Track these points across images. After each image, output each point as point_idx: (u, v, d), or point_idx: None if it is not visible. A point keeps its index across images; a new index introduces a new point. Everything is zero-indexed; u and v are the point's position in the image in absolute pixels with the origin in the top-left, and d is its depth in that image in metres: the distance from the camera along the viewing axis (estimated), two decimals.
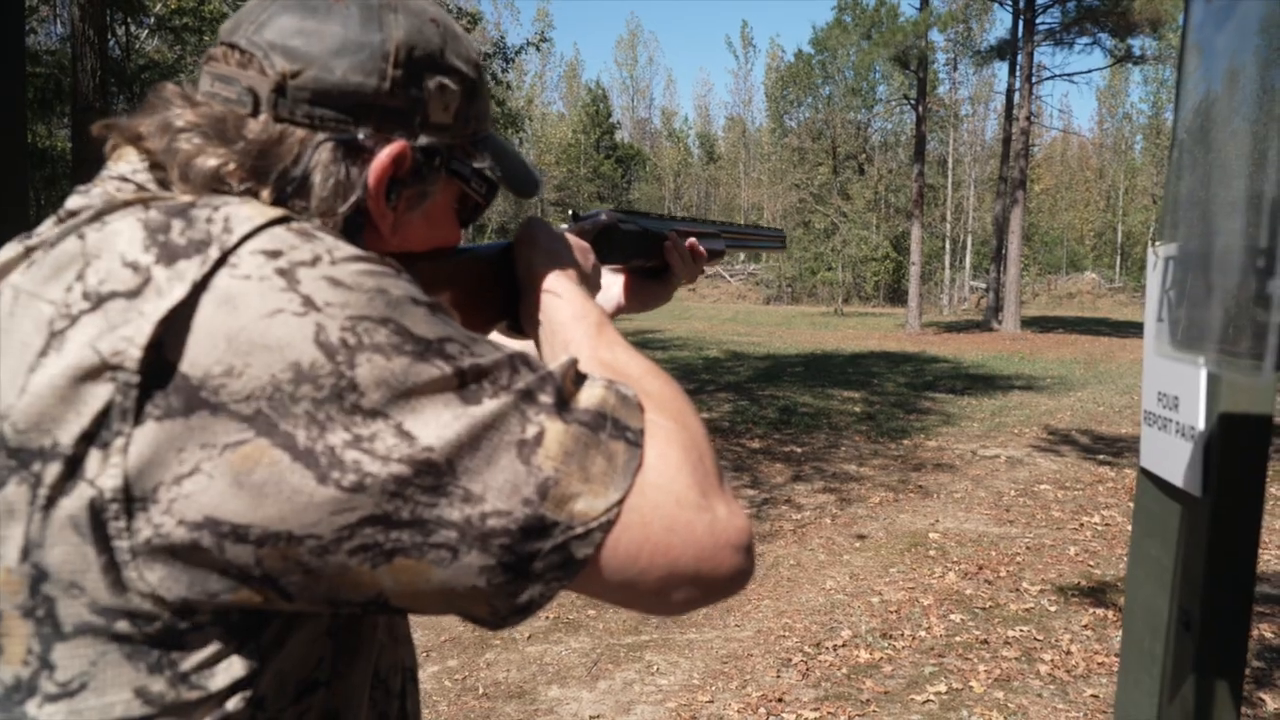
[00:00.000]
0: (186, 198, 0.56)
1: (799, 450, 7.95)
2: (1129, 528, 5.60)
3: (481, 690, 3.39)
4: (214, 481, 0.47)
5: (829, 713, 3.22)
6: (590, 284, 0.81)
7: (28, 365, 0.49)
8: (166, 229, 0.52)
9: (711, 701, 3.31)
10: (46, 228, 0.58)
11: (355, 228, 0.64)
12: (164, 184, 0.60)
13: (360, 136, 0.62)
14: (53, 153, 12.83)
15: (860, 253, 39.24)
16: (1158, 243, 1.04)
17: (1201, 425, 0.96)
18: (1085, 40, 24.55)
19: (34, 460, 0.48)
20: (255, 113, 0.61)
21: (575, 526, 0.51)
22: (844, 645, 3.82)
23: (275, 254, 0.51)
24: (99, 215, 0.54)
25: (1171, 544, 1.04)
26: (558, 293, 0.73)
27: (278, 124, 0.61)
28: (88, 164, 7.79)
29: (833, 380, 12.91)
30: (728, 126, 67.44)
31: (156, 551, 0.48)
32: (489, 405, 0.51)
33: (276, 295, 0.49)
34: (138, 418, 0.47)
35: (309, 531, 0.48)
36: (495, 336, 0.81)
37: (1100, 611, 4.19)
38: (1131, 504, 6.14)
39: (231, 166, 0.59)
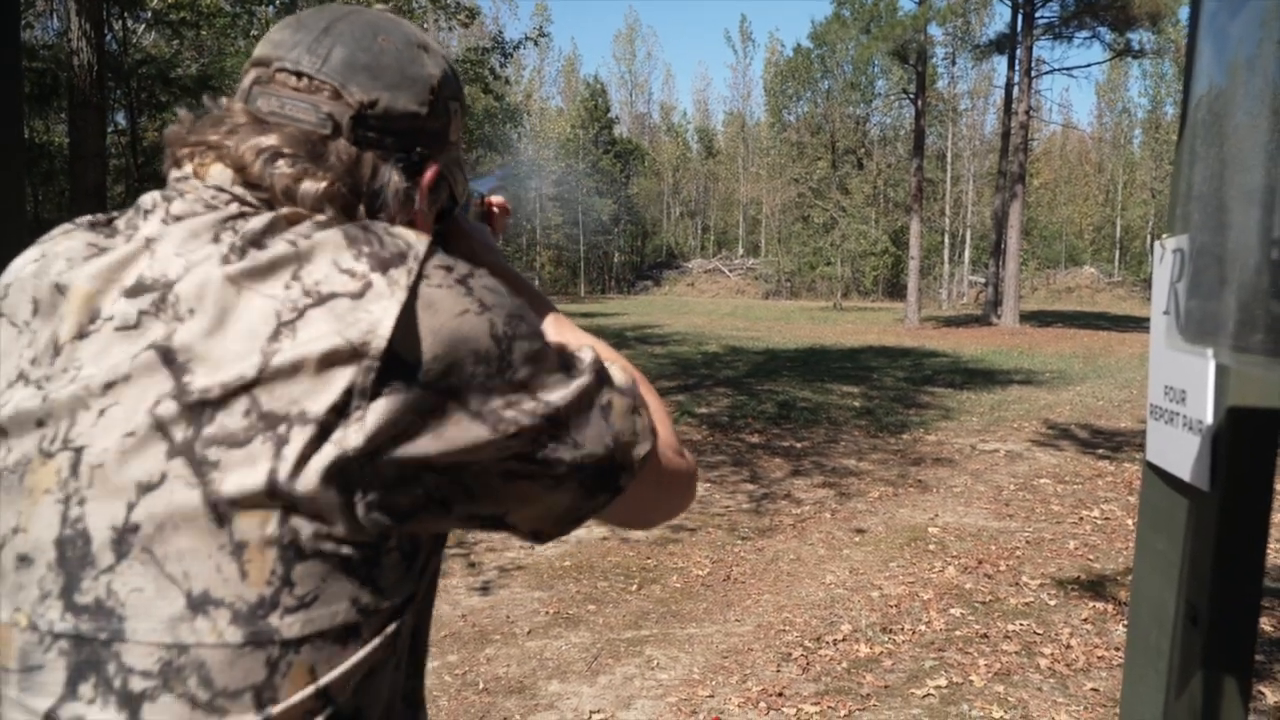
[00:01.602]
0: (351, 221, 0.69)
1: (798, 445, 7.95)
2: (1128, 522, 5.61)
3: (481, 685, 3.38)
4: (422, 436, 0.61)
5: (829, 707, 3.22)
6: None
7: (259, 348, 0.60)
8: (368, 243, 0.65)
9: (711, 696, 3.31)
10: (153, 225, 0.68)
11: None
12: (263, 200, 0.70)
13: (414, 156, 0.77)
14: (50, 148, 12.80)
15: (859, 247, 39.24)
16: (1165, 235, 1.03)
17: (1209, 419, 0.95)
18: (1084, 34, 24.53)
19: (281, 424, 0.59)
20: (334, 136, 0.72)
21: (627, 466, 0.71)
22: (844, 639, 3.82)
23: (449, 269, 0.66)
24: (274, 228, 0.66)
25: (1178, 538, 1.03)
26: (506, 278, 0.85)
27: (351, 146, 0.73)
28: (85, 158, 7.77)
29: (831, 375, 12.91)
30: (726, 121, 67.35)
31: (379, 492, 0.61)
32: (579, 380, 0.68)
33: (462, 299, 0.64)
34: (374, 395, 0.60)
35: (476, 458, 0.63)
36: None
37: (1100, 605, 4.19)
38: (1131, 498, 6.15)
39: (335, 187, 0.71)
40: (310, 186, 0.70)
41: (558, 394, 0.67)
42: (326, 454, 0.59)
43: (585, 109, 54.01)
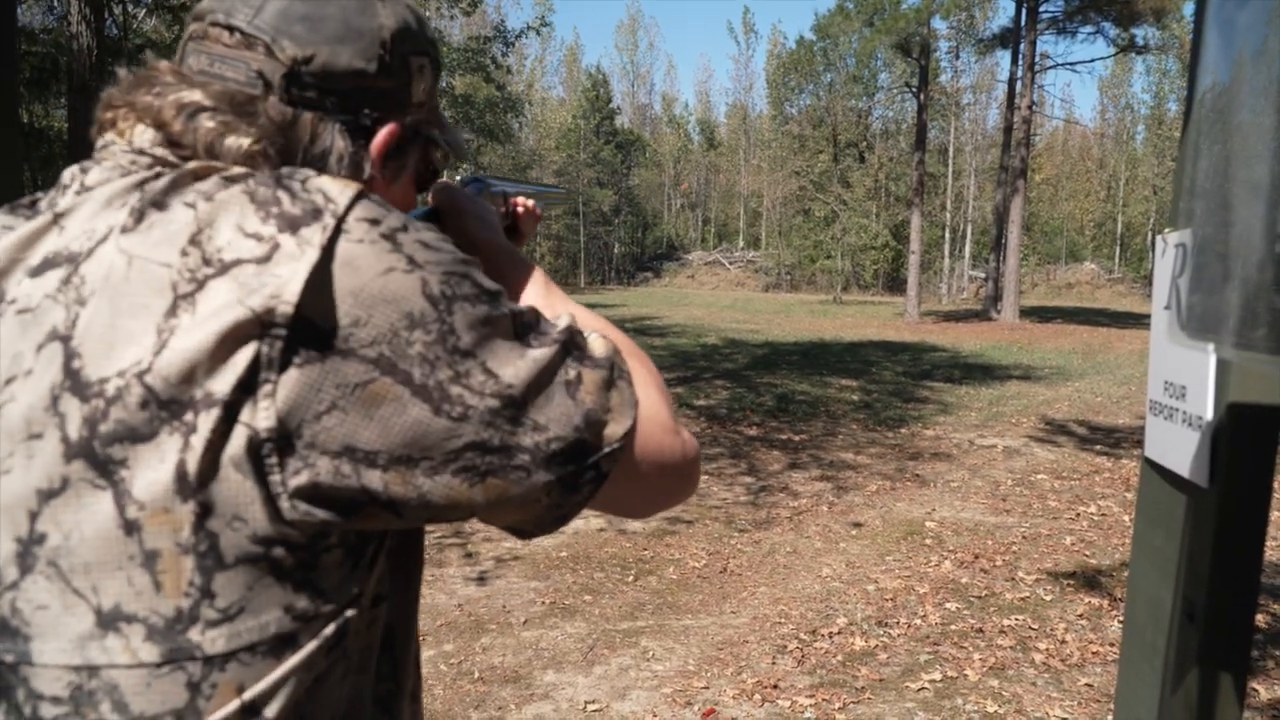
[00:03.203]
0: (267, 171, 0.61)
1: (796, 438, 7.95)
2: (1125, 518, 5.61)
3: (477, 674, 3.39)
4: (349, 416, 0.55)
5: (824, 699, 3.23)
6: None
7: (155, 326, 0.54)
8: (276, 201, 0.58)
9: (707, 688, 3.31)
10: (65, 197, 0.63)
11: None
12: (185, 159, 0.64)
13: (362, 116, 0.69)
14: (49, 132, 12.75)
15: (860, 241, 39.18)
16: (1167, 230, 1.03)
17: (1209, 415, 0.95)
18: (1088, 29, 24.44)
19: (187, 411, 0.53)
20: (266, 95, 0.66)
21: (604, 447, 0.63)
22: (840, 633, 3.83)
23: (376, 221, 0.58)
24: (178, 185, 0.59)
25: (1176, 535, 1.03)
26: (500, 256, 0.83)
27: (287, 106, 0.66)
28: (85, 144, 7.73)
29: (830, 368, 12.91)
30: (728, 113, 67.21)
31: (305, 481, 0.55)
32: (540, 351, 0.61)
33: (387, 256, 0.57)
34: (283, 366, 0.54)
35: (424, 454, 0.57)
36: None
37: (1095, 601, 4.20)
38: (1128, 494, 6.15)
39: (260, 146, 0.65)
40: (234, 142, 0.64)
41: (512, 368, 0.59)
42: (236, 440, 0.53)
43: (587, 99, 53.84)
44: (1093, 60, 41.16)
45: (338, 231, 0.56)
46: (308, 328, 0.54)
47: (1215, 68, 0.80)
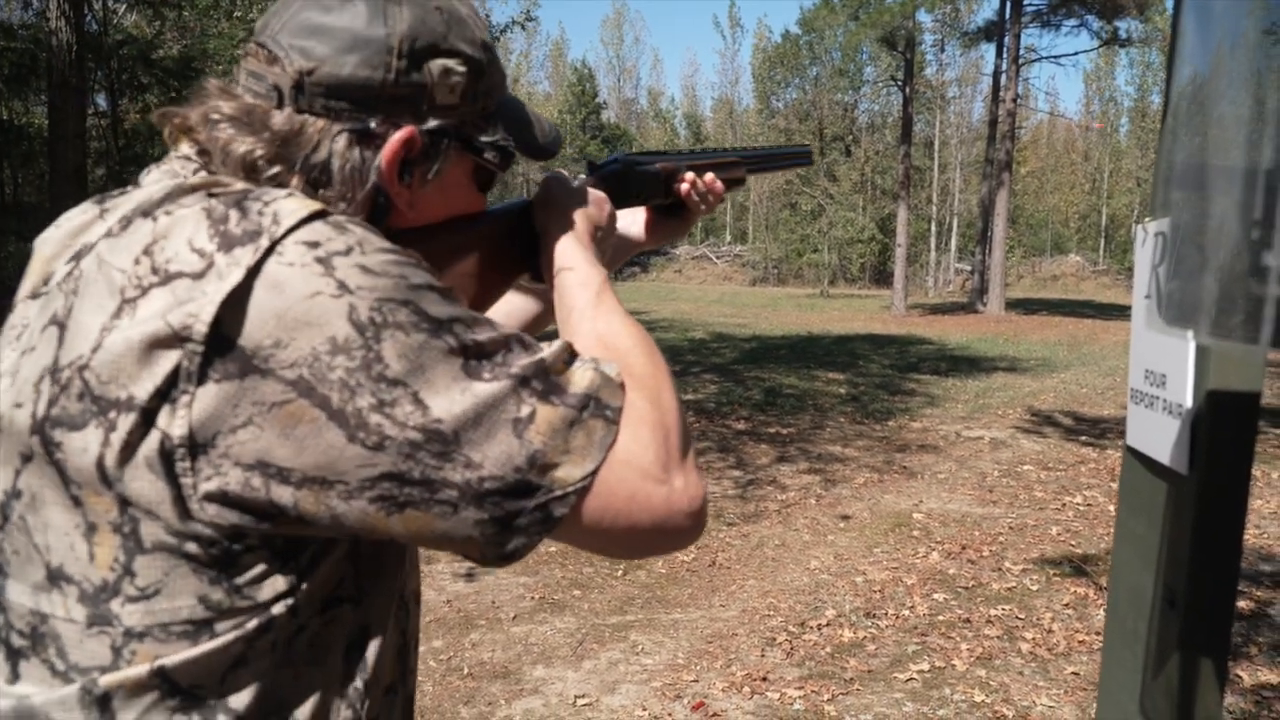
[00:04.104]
0: (241, 187, 0.65)
1: (784, 431, 7.97)
2: (1111, 508, 5.65)
3: (467, 670, 3.38)
4: (264, 432, 0.56)
5: (813, 691, 3.24)
6: (604, 234, 0.89)
7: (101, 325, 0.58)
8: (226, 219, 0.60)
9: (696, 681, 3.32)
10: (123, 195, 0.69)
11: (379, 206, 0.72)
12: (209, 166, 0.69)
13: (371, 125, 0.69)
14: (29, 129, 12.62)
15: (846, 234, 39.26)
16: (1147, 219, 1.03)
17: (1189, 402, 0.96)
18: (1072, 22, 24.52)
19: (111, 409, 0.57)
20: (280, 106, 0.69)
21: (555, 490, 0.61)
22: (828, 624, 3.84)
23: (314, 244, 0.59)
24: (170, 197, 0.63)
25: (1157, 522, 1.04)
26: (566, 257, 0.81)
27: (299, 115, 0.69)
28: (64, 140, 7.66)
29: (818, 362, 12.94)
30: (714, 107, 67.18)
31: (214, 488, 0.57)
32: (491, 386, 0.60)
33: (316, 279, 0.58)
34: (200, 379, 0.56)
35: (339, 478, 0.57)
36: (510, 298, 0.91)
37: (1081, 590, 4.23)
38: (1114, 484, 6.19)
39: (259, 153, 0.68)
40: (238, 150, 0.68)
41: (446, 400, 0.58)
42: (151, 442, 0.57)
43: (573, 94, 53.70)
44: (1076, 53, 41.36)
45: (269, 253, 0.58)
46: (227, 346, 0.56)
47: (1194, 58, 0.80)
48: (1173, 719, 1.02)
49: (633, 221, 1.15)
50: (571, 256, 0.81)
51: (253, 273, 0.57)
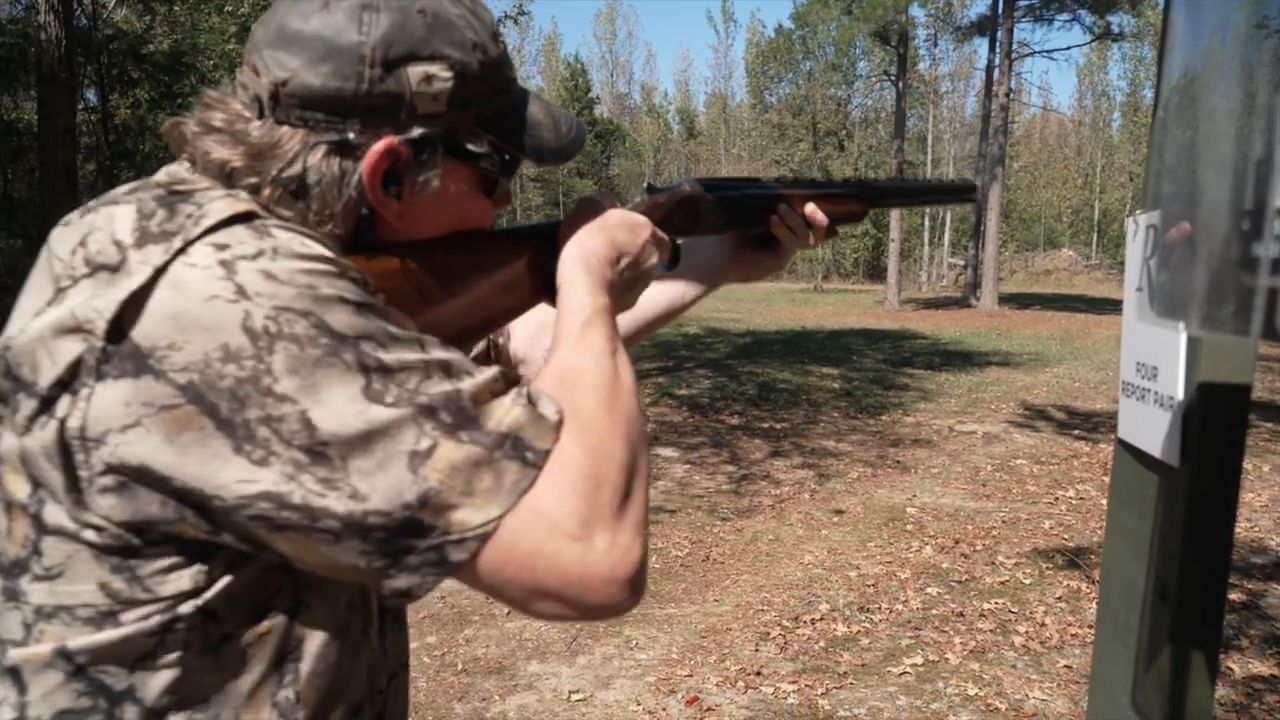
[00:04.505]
0: (191, 187, 0.64)
1: (778, 426, 7.97)
2: (1103, 502, 5.67)
3: (460, 666, 3.38)
4: (151, 435, 0.55)
5: (807, 685, 3.25)
6: (633, 262, 0.83)
7: (34, 309, 0.60)
8: (151, 216, 0.60)
9: (690, 675, 3.33)
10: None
11: (364, 219, 0.70)
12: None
13: (350, 136, 0.67)
14: (18, 125, 12.55)
15: (840, 229, 39.22)
16: (1138, 211, 1.03)
17: (1180, 395, 0.96)
18: (1065, 17, 24.56)
19: (21, 391, 0.58)
20: (261, 116, 0.68)
21: (452, 533, 0.57)
22: (822, 619, 3.85)
23: (223, 247, 0.58)
24: (129, 192, 0.64)
25: (1149, 515, 1.04)
26: (568, 281, 0.77)
27: (277, 127, 0.67)
28: (54, 136, 7.61)
29: (811, 357, 12.95)
30: (708, 102, 67.14)
31: (105, 484, 0.57)
32: (389, 412, 0.56)
33: (216, 283, 0.56)
34: (99, 375, 0.56)
35: (217, 492, 0.56)
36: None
37: (1074, 584, 4.24)
38: (1106, 478, 6.21)
39: (236, 164, 0.67)
40: (213, 158, 0.68)
41: (336, 423, 0.55)
42: (51, 429, 0.57)
43: (566, 89, 53.60)
44: (1069, 48, 41.40)
45: (180, 254, 0.57)
46: (126, 344, 0.56)
47: (1185, 52, 0.80)
48: (1164, 711, 1.02)
49: (712, 253, 1.08)
50: (573, 281, 0.76)
51: (159, 272, 0.57)
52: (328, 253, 0.61)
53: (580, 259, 0.78)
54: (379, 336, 0.58)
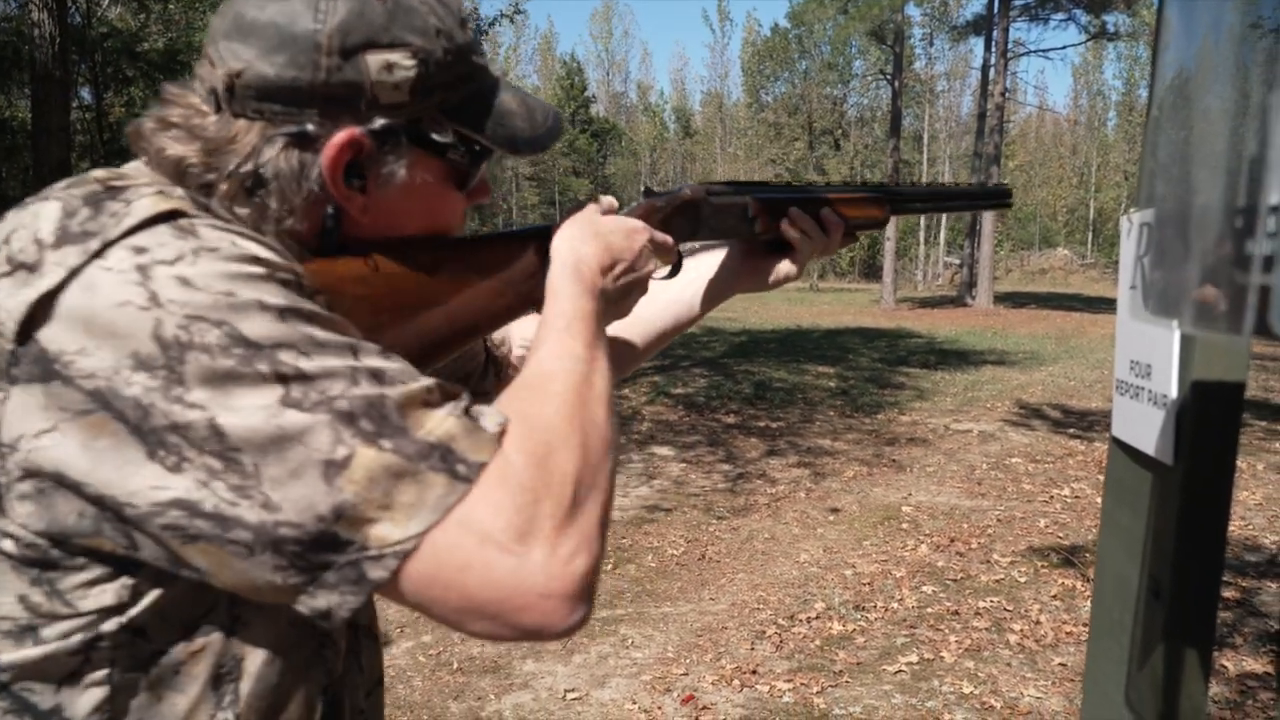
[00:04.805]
0: (121, 183, 0.61)
1: (773, 425, 7.98)
2: (1098, 500, 5.68)
3: (456, 665, 3.38)
4: (67, 440, 0.53)
5: (802, 683, 3.25)
6: (627, 269, 0.81)
7: None
8: (74, 214, 0.57)
9: (686, 674, 3.33)
10: None
11: (333, 217, 0.68)
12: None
13: (309, 127, 0.65)
14: (12, 123, 12.52)
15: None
16: (1132, 209, 1.03)
17: (1174, 393, 0.96)
18: (1060, 16, 24.60)
19: None
20: (217, 110, 0.66)
21: (369, 549, 0.54)
22: (817, 617, 3.85)
23: (142, 250, 0.55)
24: (64, 187, 0.61)
25: (1142, 513, 1.04)
26: (555, 287, 0.74)
27: (234, 120, 0.65)
28: (48, 134, 7.59)
29: (807, 356, 12.96)
30: (704, 101, 67.18)
31: (22, 490, 0.55)
32: (303, 417, 0.53)
33: (128, 288, 0.54)
34: (11, 378, 0.54)
35: (130, 499, 0.53)
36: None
37: (1069, 582, 4.25)
38: (1101, 476, 6.22)
39: (193, 160, 0.65)
40: (168, 155, 0.65)
41: (247, 431, 0.52)
42: None
43: (562, 88, 53.58)
44: (1064, 47, 41.48)
45: (96, 256, 0.55)
46: (33, 347, 0.54)
47: (1179, 49, 0.80)
48: (1158, 709, 1.02)
49: (722, 260, 1.04)
50: (559, 286, 0.73)
51: (73, 274, 0.55)
52: (260, 252, 0.59)
53: (570, 264, 0.75)
54: (300, 343, 0.55)
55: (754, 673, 3.34)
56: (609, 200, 0.88)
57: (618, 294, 0.80)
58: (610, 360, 0.71)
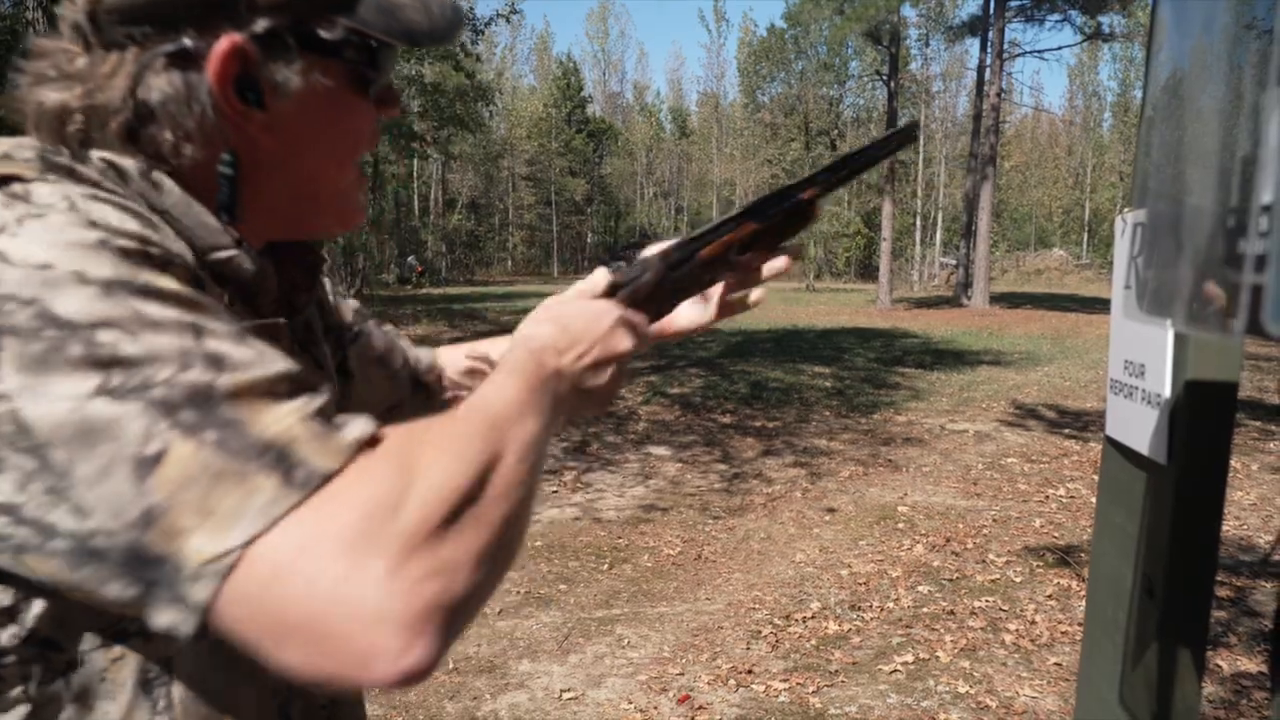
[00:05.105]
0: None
1: (769, 425, 7.98)
2: (1093, 500, 5.69)
3: (451, 665, 3.37)
4: None
5: (798, 683, 3.25)
6: (588, 350, 0.73)
7: None
8: None
9: (682, 674, 3.33)
10: None
11: (228, 160, 0.62)
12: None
13: (187, 43, 0.59)
14: (7, 122, 12.47)
15: (832, 229, 39.41)
16: (1126, 209, 1.03)
17: (1167, 392, 0.96)
18: (1056, 17, 24.67)
19: None
20: (88, 47, 0.60)
21: (185, 565, 0.45)
22: (813, 617, 3.85)
23: None
24: None
25: (1136, 512, 1.04)
26: (499, 365, 0.65)
27: (105, 53, 0.59)
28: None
29: (803, 356, 12.97)
30: (700, 101, 67.20)
31: None
32: (113, 408, 0.46)
33: None
34: None
35: None
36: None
37: (1064, 582, 4.26)
38: (1096, 477, 6.24)
39: (74, 105, 0.59)
40: (47, 107, 0.60)
41: (48, 418, 0.45)
42: None
43: (558, 88, 53.59)
44: (1060, 48, 41.57)
45: None
46: None
47: (1173, 50, 0.80)
48: (1152, 708, 1.02)
49: (699, 307, 0.97)
50: (503, 361, 0.66)
51: None
52: (102, 215, 0.52)
53: (520, 341, 0.69)
54: (125, 322, 0.48)
55: (750, 672, 3.34)
56: (595, 280, 0.82)
57: (584, 373, 0.73)
58: (544, 443, 0.61)
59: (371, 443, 0.51)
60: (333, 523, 0.46)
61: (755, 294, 0.96)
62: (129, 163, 0.60)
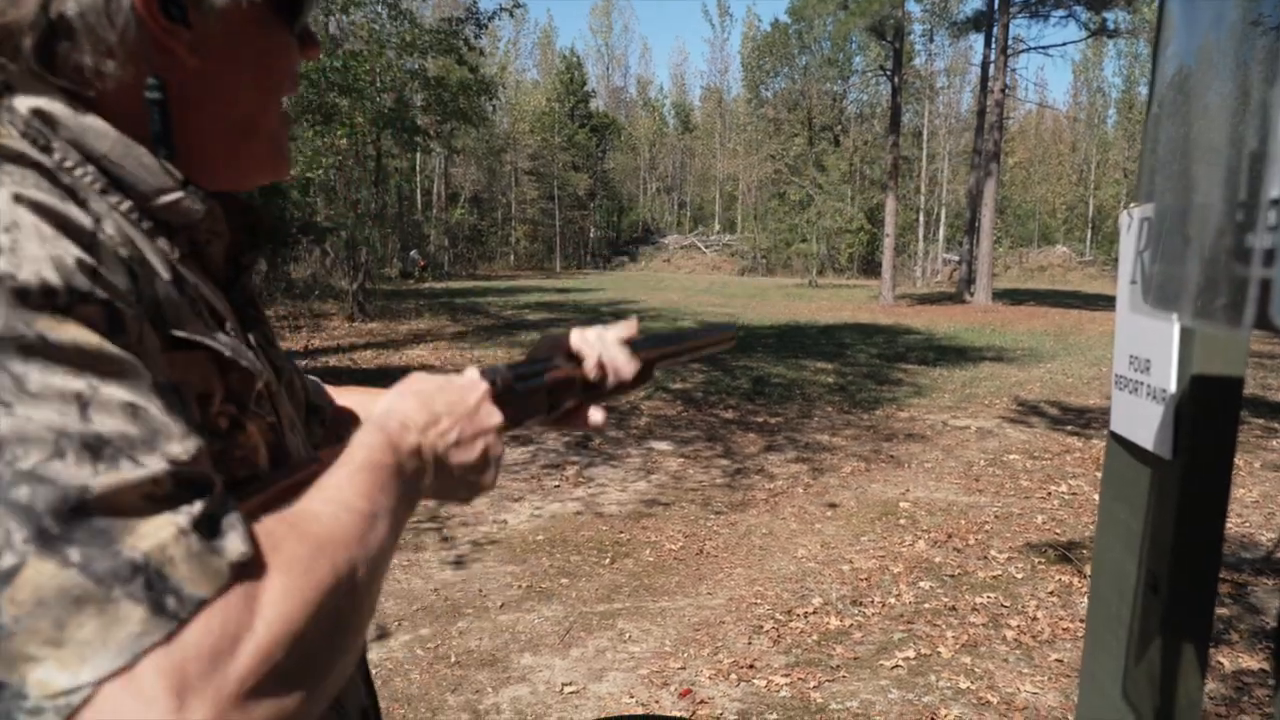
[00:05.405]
0: None
1: (772, 421, 7.98)
2: (1095, 496, 5.69)
3: (454, 659, 3.38)
4: None
5: (799, 678, 3.25)
6: (455, 425, 0.69)
7: None
8: None
9: (683, 668, 3.33)
10: None
11: (155, 85, 0.57)
12: None
13: None
14: None
15: (835, 224, 39.35)
16: (1132, 204, 1.03)
17: (1173, 388, 0.96)
18: (1061, 13, 24.62)
19: None
20: None
21: (26, 698, 0.40)
22: (815, 612, 3.86)
23: None
24: None
25: (1140, 508, 1.04)
26: (354, 439, 0.62)
27: None
28: None
29: (806, 351, 12.97)
30: (704, 96, 67.11)
31: None
32: None
33: None
34: None
35: None
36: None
37: (1066, 578, 4.26)
38: (1099, 473, 6.23)
39: None
40: None
41: None
42: None
43: (561, 82, 53.51)
44: (1064, 44, 41.42)
45: None
46: None
47: (1179, 46, 0.80)
48: (1154, 704, 1.02)
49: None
50: (358, 436, 0.62)
51: None
52: (12, 237, 0.45)
53: (376, 417, 0.65)
54: (12, 369, 0.41)
55: (751, 667, 3.34)
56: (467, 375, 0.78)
57: (449, 450, 0.68)
58: (393, 540, 0.58)
59: (248, 561, 0.46)
60: (175, 660, 0.41)
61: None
62: (58, 107, 0.55)
